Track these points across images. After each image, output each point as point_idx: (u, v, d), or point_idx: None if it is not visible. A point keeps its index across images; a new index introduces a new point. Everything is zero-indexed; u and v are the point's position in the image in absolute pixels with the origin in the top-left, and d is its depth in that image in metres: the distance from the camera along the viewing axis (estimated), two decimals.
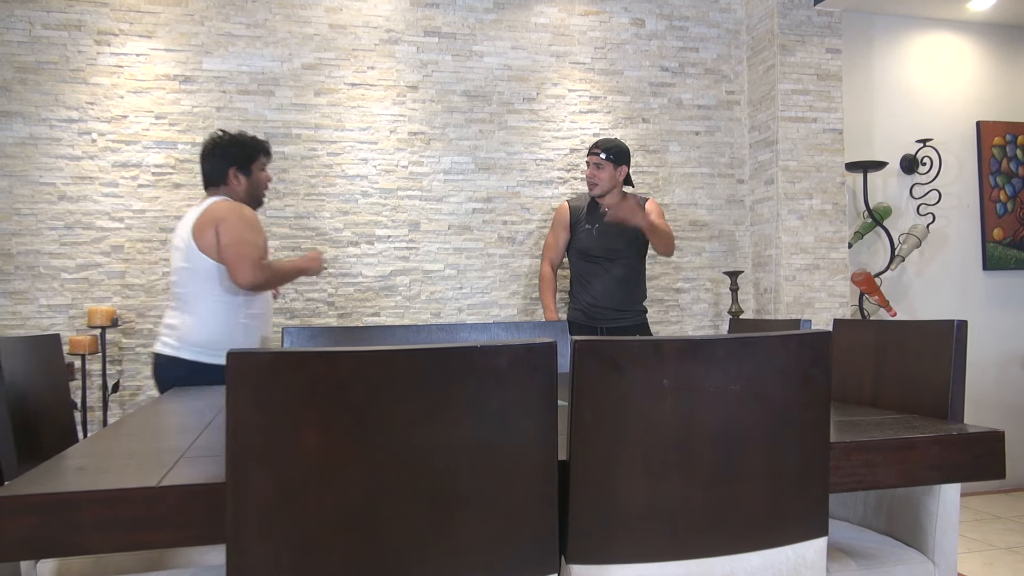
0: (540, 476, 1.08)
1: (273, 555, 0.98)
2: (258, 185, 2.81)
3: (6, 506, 0.99)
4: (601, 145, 3.37)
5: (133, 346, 3.34)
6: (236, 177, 2.75)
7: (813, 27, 3.88)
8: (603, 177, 3.35)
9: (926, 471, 1.36)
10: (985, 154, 4.56)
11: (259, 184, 2.81)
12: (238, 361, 0.95)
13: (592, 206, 3.43)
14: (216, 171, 2.74)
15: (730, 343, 1.15)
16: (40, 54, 3.29)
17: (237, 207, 2.65)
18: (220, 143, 2.75)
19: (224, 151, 2.74)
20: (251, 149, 2.77)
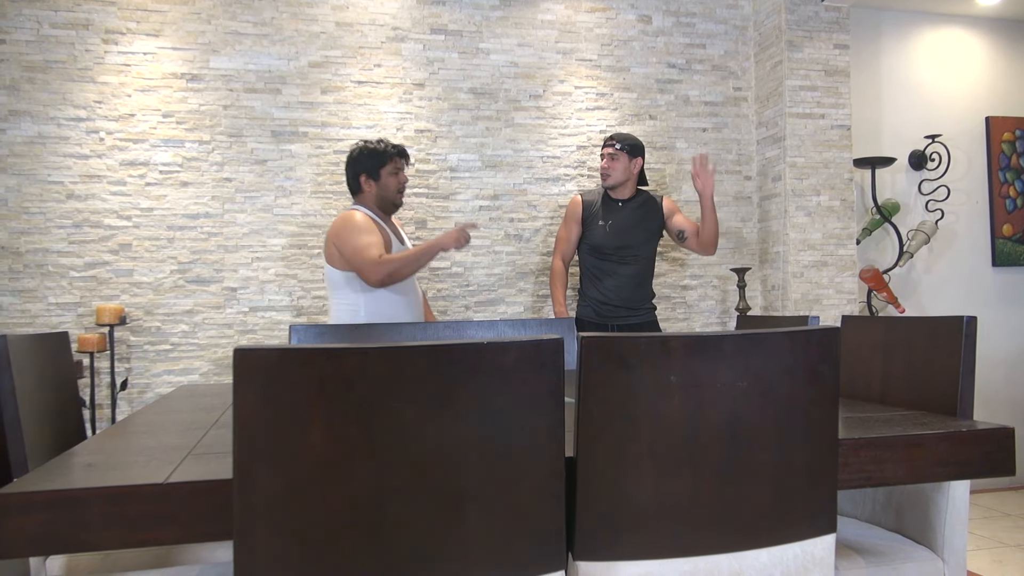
0: (547, 473, 1.07)
1: (280, 551, 0.98)
2: (388, 188, 2.93)
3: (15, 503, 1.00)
4: (616, 137, 3.37)
5: (141, 344, 3.35)
6: (367, 183, 2.92)
7: (821, 23, 3.87)
8: (617, 168, 3.34)
9: (935, 468, 1.35)
10: (994, 150, 4.53)
11: (389, 187, 2.93)
12: (245, 358, 0.96)
13: (606, 201, 3.41)
14: (351, 179, 2.96)
15: (738, 339, 1.15)
16: (48, 53, 3.30)
17: (344, 219, 2.83)
18: (352, 153, 2.95)
19: (355, 160, 2.93)
20: (379, 155, 2.92)
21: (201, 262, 3.41)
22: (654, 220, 3.42)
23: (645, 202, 3.43)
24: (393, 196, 2.95)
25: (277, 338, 3.46)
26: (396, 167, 2.94)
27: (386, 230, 2.88)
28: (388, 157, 2.92)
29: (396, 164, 2.94)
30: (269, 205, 3.49)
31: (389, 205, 2.97)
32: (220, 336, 3.42)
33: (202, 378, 3.41)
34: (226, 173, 3.45)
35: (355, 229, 2.78)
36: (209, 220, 3.43)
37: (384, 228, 2.88)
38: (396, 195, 2.96)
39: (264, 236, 3.48)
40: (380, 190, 2.93)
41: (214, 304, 3.42)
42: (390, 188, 2.93)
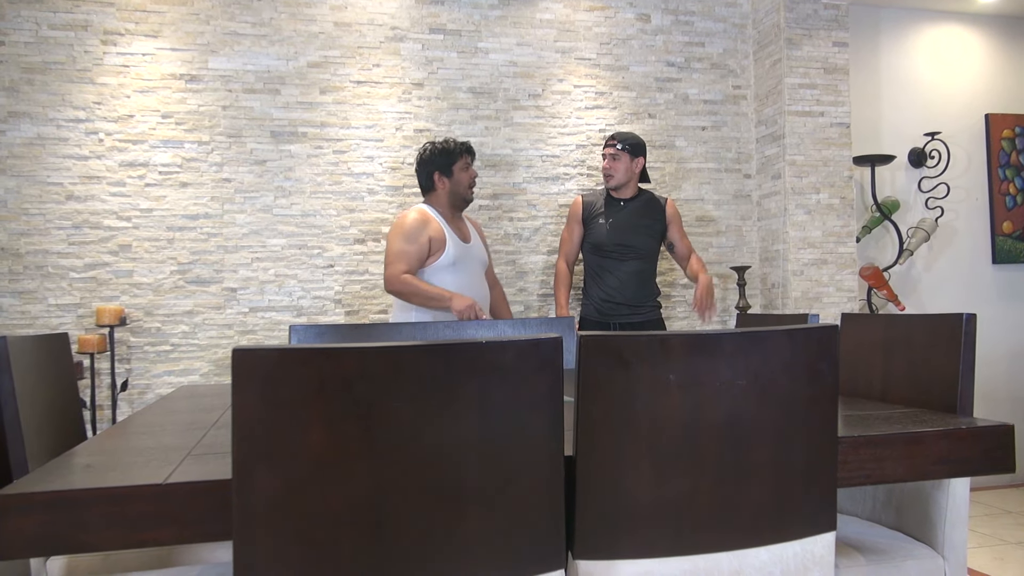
0: (546, 472, 1.07)
1: (280, 552, 0.98)
2: (460, 184, 3.08)
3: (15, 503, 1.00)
4: (617, 136, 3.36)
5: (141, 345, 3.35)
6: (441, 180, 3.07)
7: (820, 21, 3.86)
8: (619, 168, 3.34)
9: (935, 465, 1.35)
10: (994, 147, 4.53)
11: (461, 183, 3.08)
12: (244, 359, 0.96)
13: (608, 200, 3.42)
14: (423, 178, 3.10)
15: (737, 338, 1.15)
16: (47, 54, 3.30)
17: (400, 218, 3.01)
18: (423, 153, 3.10)
19: (427, 159, 3.08)
20: (450, 152, 3.07)
21: (201, 263, 3.41)
22: (656, 221, 3.41)
23: (648, 202, 3.43)
24: (464, 191, 3.09)
25: (277, 338, 3.46)
26: (466, 163, 3.09)
27: (444, 230, 3.01)
28: (458, 154, 3.07)
29: (466, 160, 3.08)
30: (268, 205, 3.49)
31: (460, 200, 3.10)
32: (220, 337, 3.42)
33: (202, 379, 3.41)
34: (225, 174, 3.45)
35: (400, 233, 2.95)
36: (209, 221, 3.43)
37: (438, 223, 3.01)
38: (467, 190, 3.10)
39: (264, 236, 3.48)
40: (453, 186, 3.07)
41: (214, 305, 3.42)
42: (462, 183, 3.08)
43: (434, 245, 2.98)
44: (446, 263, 3.00)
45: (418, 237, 2.95)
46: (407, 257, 2.93)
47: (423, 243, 2.95)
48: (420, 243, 2.95)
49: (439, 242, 2.99)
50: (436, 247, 2.99)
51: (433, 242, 2.98)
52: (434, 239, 2.98)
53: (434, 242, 2.98)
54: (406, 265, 2.92)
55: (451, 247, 3.01)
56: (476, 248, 3.16)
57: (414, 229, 2.96)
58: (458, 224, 3.13)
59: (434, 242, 2.98)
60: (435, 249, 2.99)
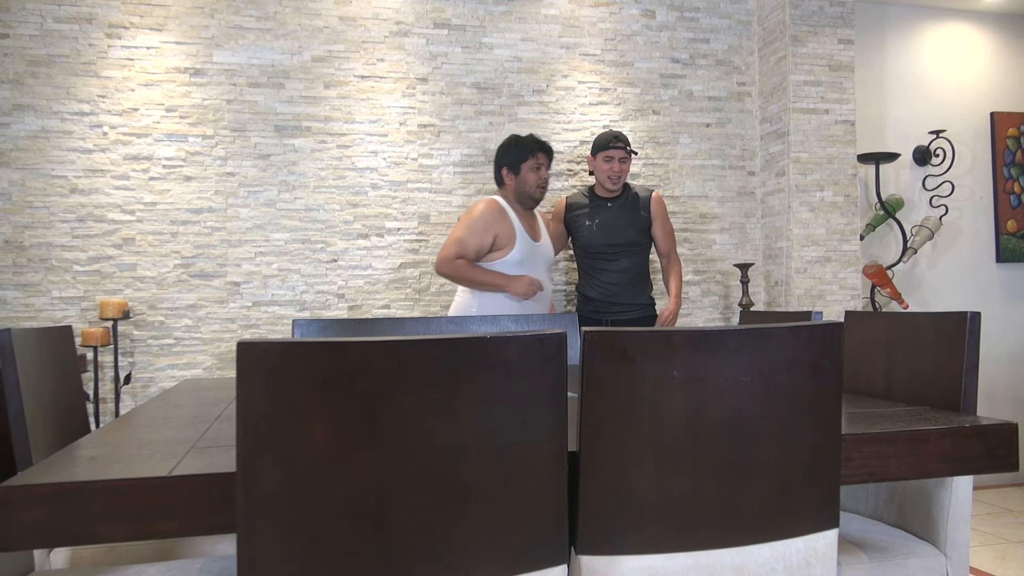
0: (550, 467, 1.07)
1: (283, 545, 0.98)
2: (527, 183, 3.06)
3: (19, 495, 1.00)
4: (624, 139, 3.30)
5: (145, 338, 3.36)
6: (508, 176, 3.08)
7: (825, 17, 3.85)
8: (626, 171, 3.34)
9: (938, 463, 1.35)
10: (999, 145, 4.52)
11: (527, 183, 3.06)
12: (249, 352, 0.96)
13: (593, 200, 3.39)
14: (495, 172, 3.14)
15: (741, 334, 1.15)
16: (51, 47, 3.30)
17: (474, 210, 3.01)
18: (499, 147, 3.12)
19: (500, 153, 3.10)
20: (521, 150, 3.05)
21: (204, 256, 3.42)
22: (642, 216, 3.36)
23: (632, 198, 3.38)
24: (532, 191, 3.06)
25: (280, 333, 3.47)
26: (537, 163, 3.04)
27: (511, 222, 3.00)
28: (530, 152, 3.03)
29: (538, 160, 3.04)
30: (272, 200, 3.49)
31: (527, 199, 3.08)
32: (223, 330, 3.43)
33: (205, 372, 3.41)
34: (229, 167, 3.45)
35: (468, 221, 2.97)
36: (212, 215, 3.43)
37: (511, 219, 3.01)
38: (535, 190, 3.07)
39: (267, 231, 3.48)
40: (519, 184, 3.05)
41: (217, 298, 3.42)
42: (529, 183, 3.05)
43: (500, 241, 2.98)
44: (512, 261, 3.00)
45: (483, 231, 2.96)
46: (464, 247, 2.94)
47: (486, 240, 2.96)
48: (483, 238, 2.96)
49: (507, 239, 2.99)
50: (503, 243, 2.99)
51: (500, 239, 2.98)
52: (501, 236, 2.98)
53: (501, 239, 2.98)
54: (461, 253, 2.94)
55: (519, 246, 3.00)
56: (544, 247, 3.15)
57: (483, 223, 2.96)
58: (530, 220, 3.12)
59: (501, 239, 2.98)
60: (501, 245, 2.99)
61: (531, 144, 3.05)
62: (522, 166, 3.04)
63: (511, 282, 2.93)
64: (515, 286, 2.93)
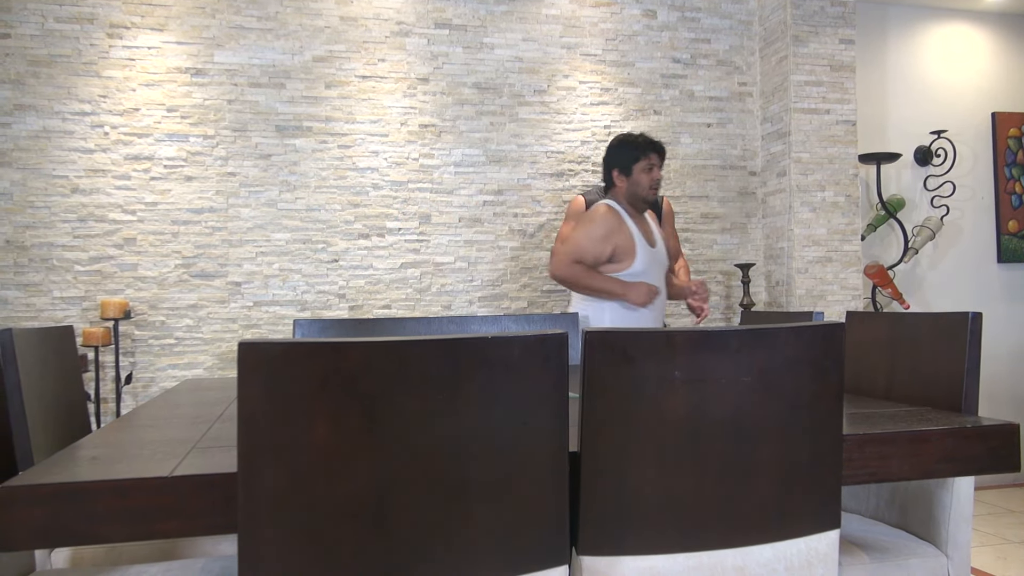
0: (551, 467, 1.07)
1: (284, 545, 0.98)
2: (639, 185, 2.86)
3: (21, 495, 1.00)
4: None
5: (146, 338, 3.36)
6: (619, 178, 2.89)
7: (826, 17, 3.85)
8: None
9: (939, 464, 1.35)
10: (1000, 145, 4.52)
11: (640, 184, 2.86)
12: (250, 352, 0.96)
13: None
14: (604, 173, 2.96)
15: (742, 334, 1.15)
16: (53, 47, 3.30)
17: (595, 216, 2.83)
18: (608, 148, 2.93)
19: (609, 154, 2.93)
20: (633, 150, 2.86)
21: (205, 256, 3.42)
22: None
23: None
24: (644, 193, 2.87)
25: (281, 333, 3.47)
26: (650, 163, 2.86)
27: (629, 230, 2.81)
28: (642, 153, 2.86)
29: (650, 160, 2.86)
30: (273, 200, 3.49)
31: (639, 202, 2.89)
32: (224, 330, 3.43)
33: (206, 372, 3.42)
34: (230, 168, 3.45)
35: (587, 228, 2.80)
36: (213, 215, 3.43)
37: (628, 227, 2.82)
38: (648, 191, 2.88)
39: (268, 231, 3.48)
40: (631, 186, 2.87)
41: (218, 299, 3.42)
42: (641, 185, 2.86)
43: (618, 254, 2.79)
44: (634, 272, 2.81)
45: (603, 241, 2.78)
46: (582, 254, 2.78)
47: (605, 250, 2.78)
48: (602, 248, 2.78)
49: (626, 251, 2.79)
50: (621, 256, 2.79)
51: (619, 250, 2.79)
52: (620, 248, 2.79)
53: (619, 250, 2.79)
54: (579, 257, 2.78)
55: (640, 257, 2.81)
56: (660, 251, 2.94)
57: (603, 232, 2.78)
58: (643, 224, 2.92)
59: (619, 250, 2.79)
60: (619, 258, 2.80)
61: (643, 144, 2.87)
62: (634, 167, 2.85)
63: (629, 290, 2.76)
64: (634, 294, 2.76)
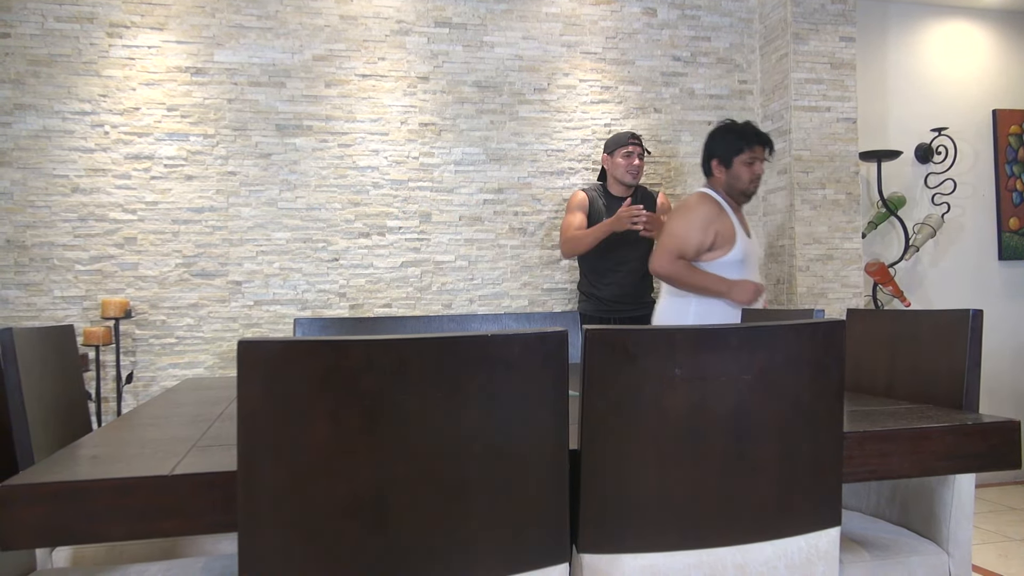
0: (551, 465, 1.07)
1: (284, 544, 0.98)
2: (737, 179, 2.76)
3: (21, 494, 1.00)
4: (638, 136, 3.39)
5: (147, 337, 3.36)
6: (718, 168, 2.79)
7: (827, 15, 3.85)
8: (642, 168, 3.39)
9: (940, 461, 1.35)
10: (1001, 143, 4.51)
11: (740, 178, 2.76)
12: (250, 351, 0.96)
13: (607, 198, 3.42)
14: (703, 162, 2.84)
15: (742, 332, 1.15)
16: (53, 47, 3.30)
17: (691, 205, 2.75)
18: (711, 134, 2.81)
19: (711, 140, 2.80)
20: (736, 141, 2.75)
21: (206, 256, 3.42)
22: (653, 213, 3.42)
23: (643, 196, 3.46)
24: (744, 187, 2.78)
25: (281, 332, 3.47)
26: (752, 156, 2.75)
27: (733, 223, 2.77)
28: (746, 145, 2.74)
29: (754, 153, 2.75)
30: (274, 199, 3.49)
31: (739, 195, 2.80)
32: (225, 329, 3.43)
33: (207, 371, 3.42)
34: (230, 167, 3.45)
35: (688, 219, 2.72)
36: (214, 214, 3.43)
37: (733, 220, 2.78)
38: (748, 185, 2.78)
39: (269, 230, 3.48)
40: (730, 179, 2.77)
41: (219, 298, 3.43)
42: (741, 179, 2.76)
43: (720, 240, 2.73)
44: (735, 259, 2.75)
45: (704, 228, 2.71)
46: (685, 245, 2.70)
47: (707, 237, 2.71)
48: (704, 236, 2.71)
49: (726, 236, 2.73)
50: (722, 242, 2.73)
51: (719, 236, 2.73)
52: (721, 233, 2.73)
53: (720, 236, 2.73)
54: (681, 252, 2.70)
55: (740, 242, 2.76)
56: (756, 244, 2.90)
57: (702, 220, 2.71)
58: (741, 215, 2.86)
59: (720, 236, 2.73)
60: (721, 243, 2.73)
61: (748, 135, 2.74)
62: (735, 159, 2.74)
63: (734, 288, 2.68)
64: (739, 292, 2.68)
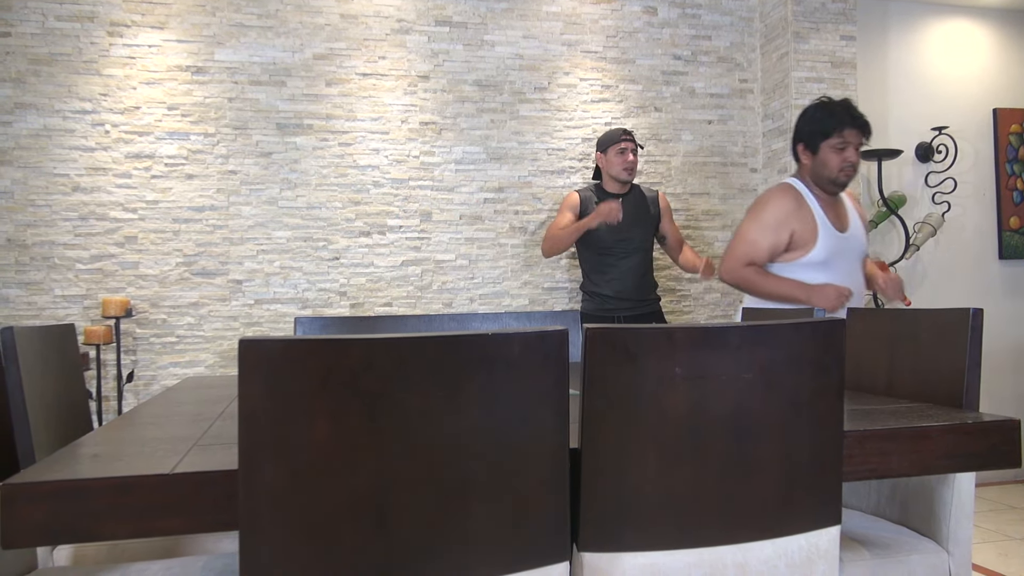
0: (552, 464, 1.07)
1: (285, 542, 0.98)
2: (826, 166, 2.46)
3: (22, 493, 1.00)
4: (632, 133, 3.38)
5: (147, 336, 3.36)
6: (804, 154, 2.52)
7: (827, 14, 3.84)
8: (636, 164, 3.38)
9: (940, 460, 1.35)
10: (1002, 142, 4.51)
11: (827, 165, 2.45)
12: (251, 350, 0.96)
13: (602, 197, 3.40)
14: (792, 146, 2.58)
15: (743, 331, 1.15)
16: (53, 46, 3.30)
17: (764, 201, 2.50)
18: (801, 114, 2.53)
19: (797, 123, 2.54)
20: (824, 123, 2.45)
21: (206, 255, 3.42)
22: (651, 212, 3.42)
23: (641, 195, 3.44)
24: (833, 175, 2.46)
25: (282, 330, 3.47)
26: (843, 141, 2.44)
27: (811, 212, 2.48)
28: (835, 129, 2.44)
29: (844, 138, 2.44)
30: (274, 198, 3.49)
31: (828, 184, 2.49)
32: (226, 328, 3.43)
33: (208, 370, 3.42)
34: (231, 166, 3.45)
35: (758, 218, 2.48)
36: (214, 213, 3.43)
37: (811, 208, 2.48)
38: (838, 173, 2.46)
39: (269, 229, 3.48)
40: (816, 166, 2.48)
41: (219, 296, 3.43)
42: (829, 166, 2.46)
43: (799, 238, 2.46)
44: (815, 261, 2.47)
45: (777, 228, 2.45)
46: (755, 249, 2.47)
47: (781, 237, 2.46)
48: (777, 236, 2.46)
49: (806, 235, 2.46)
50: (802, 241, 2.46)
51: (798, 235, 2.46)
52: (799, 232, 2.46)
53: (799, 235, 2.46)
54: (751, 257, 2.47)
55: (823, 241, 2.46)
56: (855, 237, 2.57)
57: (775, 218, 2.46)
58: (835, 206, 2.55)
59: (799, 235, 2.46)
60: (801, 243, 2.46)
61: (838, 116, 2.44)
62: (822, 145, 2.45)
63: (814, 294, 2.40)
64: (820, 298, 2.39)
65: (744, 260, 2.48)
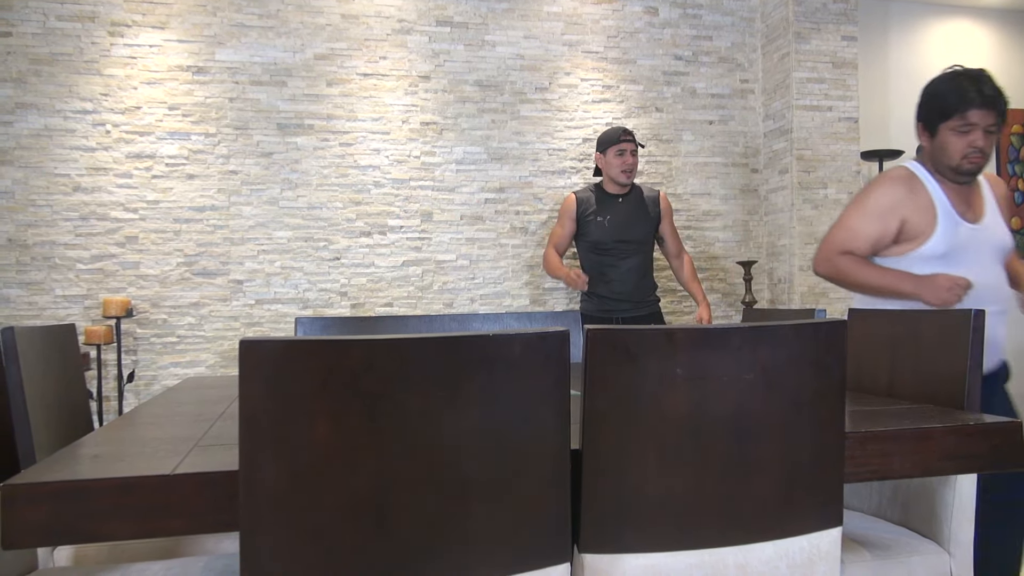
0: (553, 465, 1.07)
1: (286, 542, 0.98)
2: (942, 151, 2.11)
3: (23, 493, 1.00)
4: (632, 133, 3.35)
5: (148, 336, 3.36)
6: (923, 135, 2.18)
7: (829, 14, 3.84)
8: (637, 165, 3.36)
9: (942, 461, 1.35)
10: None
11: (945, 151, 2.10)
12: (251, 350, 0.96)
13: (601, 197, 3.39)
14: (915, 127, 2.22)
15: (744, 332, 1.14)
16: (54, 46, 3.30)
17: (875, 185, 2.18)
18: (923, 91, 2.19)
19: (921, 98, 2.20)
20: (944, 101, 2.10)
21: (207, 255, 3.42)
22: (652, 212, 3.40)
23: (641, 195, 3.43)
24: (954, 162, 2.09)
25: (283, 331, 3.47)
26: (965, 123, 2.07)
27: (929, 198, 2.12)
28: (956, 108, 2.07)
29: (966, 120, 2.06)
30: (275, 198, 3.49)
31: (949, 172, 2.12)
32: (226, 328, 3.43)
33: (208, 370, 3.42)
34: (232, 166, 3.45)
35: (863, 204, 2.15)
36: (215, 213, 3.43)
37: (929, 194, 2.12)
38: (961, 160, 2.09)
39: (270, 229, 3.48)
40: (936, 151, 2.13)
41: (220, 297, 3.43)
42: (949, 152, 2.10)
43: (912, 228, 2.10)
44: (933, 254, 2.09)
45: (883, 216, 2.11)
46: (854, 239, 2.15)
47: (888, 227, 2.11)
48: (884, 225, 2.11)
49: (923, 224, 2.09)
50: (916, 231, 2.10)
51: (910, 225, 2.10)
52: (912, 221, 2.10)
53: (912, 225, 2.10)
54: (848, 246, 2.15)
55: (943, 232, 2.09)
56: (991, 230, 2.16)
57: (881, 205, 2.12)
58: (965, 194, 2.16)
59: (912, 225, 2.10)
60: (914, 234, 2.10)
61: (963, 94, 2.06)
62: (941, 127, 2.10)
63: (922, 286, 2.03)
64: (929, 291, 2.02)
65: (840, 248, 2.16)
